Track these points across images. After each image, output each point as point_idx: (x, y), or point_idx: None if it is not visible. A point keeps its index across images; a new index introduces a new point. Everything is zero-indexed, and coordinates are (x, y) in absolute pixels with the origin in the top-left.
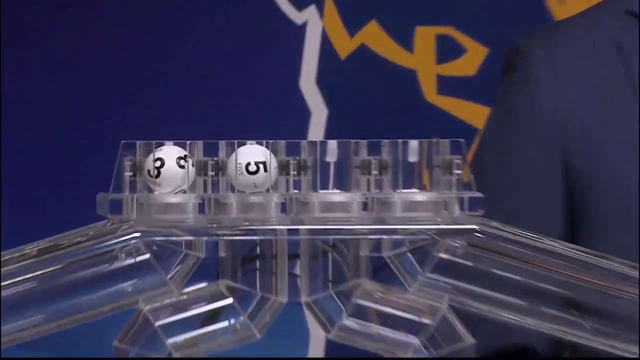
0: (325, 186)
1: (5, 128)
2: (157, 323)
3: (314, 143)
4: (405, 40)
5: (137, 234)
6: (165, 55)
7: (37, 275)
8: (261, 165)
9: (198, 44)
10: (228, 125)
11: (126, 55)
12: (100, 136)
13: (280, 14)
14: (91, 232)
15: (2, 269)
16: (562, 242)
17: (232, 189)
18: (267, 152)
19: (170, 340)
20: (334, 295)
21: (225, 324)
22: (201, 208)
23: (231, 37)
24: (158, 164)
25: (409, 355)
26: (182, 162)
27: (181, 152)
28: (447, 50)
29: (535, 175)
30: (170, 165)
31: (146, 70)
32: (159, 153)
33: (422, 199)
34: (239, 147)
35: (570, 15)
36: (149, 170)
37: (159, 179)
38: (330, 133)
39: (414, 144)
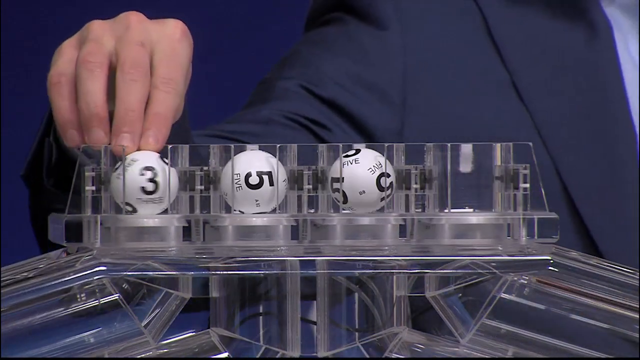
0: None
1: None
2: None
3: (334, 147)
4: None
5: (102, 268)
6: None
7: None
8: (265, 177)
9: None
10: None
11: None
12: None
13: None
14: (41, 266)
15: None
16: None
17: (227, 208)
18: (274, 159)
19: None
20: (362, 349)
21: None
22: (186, 233)
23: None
24: None
25: None
26: None
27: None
28: None
29: None
30: None
31: None
32: None
33: (477, 222)
34: (236, 152)
35: None
36: None
37: None
38: None
39: (467, 148)
